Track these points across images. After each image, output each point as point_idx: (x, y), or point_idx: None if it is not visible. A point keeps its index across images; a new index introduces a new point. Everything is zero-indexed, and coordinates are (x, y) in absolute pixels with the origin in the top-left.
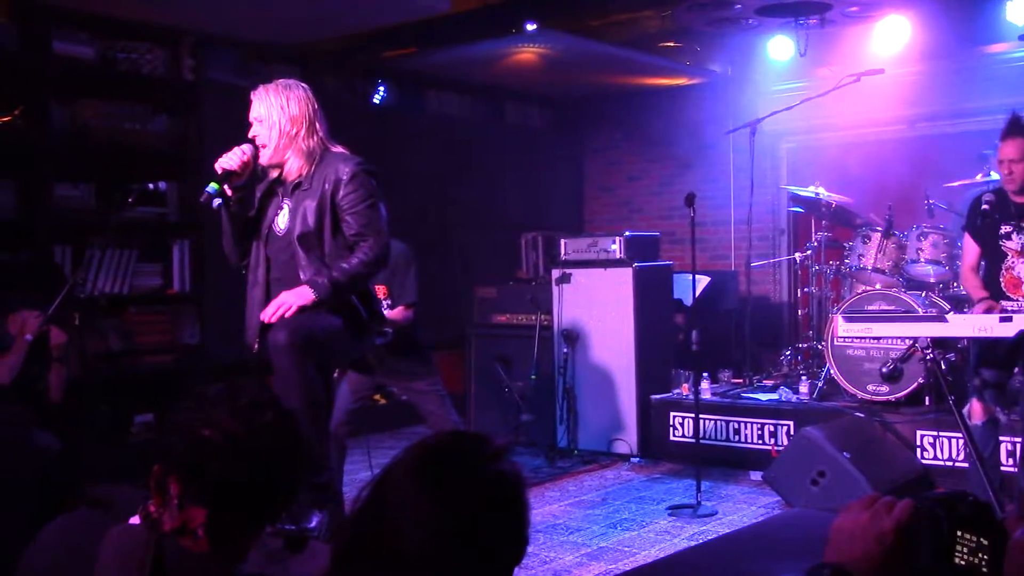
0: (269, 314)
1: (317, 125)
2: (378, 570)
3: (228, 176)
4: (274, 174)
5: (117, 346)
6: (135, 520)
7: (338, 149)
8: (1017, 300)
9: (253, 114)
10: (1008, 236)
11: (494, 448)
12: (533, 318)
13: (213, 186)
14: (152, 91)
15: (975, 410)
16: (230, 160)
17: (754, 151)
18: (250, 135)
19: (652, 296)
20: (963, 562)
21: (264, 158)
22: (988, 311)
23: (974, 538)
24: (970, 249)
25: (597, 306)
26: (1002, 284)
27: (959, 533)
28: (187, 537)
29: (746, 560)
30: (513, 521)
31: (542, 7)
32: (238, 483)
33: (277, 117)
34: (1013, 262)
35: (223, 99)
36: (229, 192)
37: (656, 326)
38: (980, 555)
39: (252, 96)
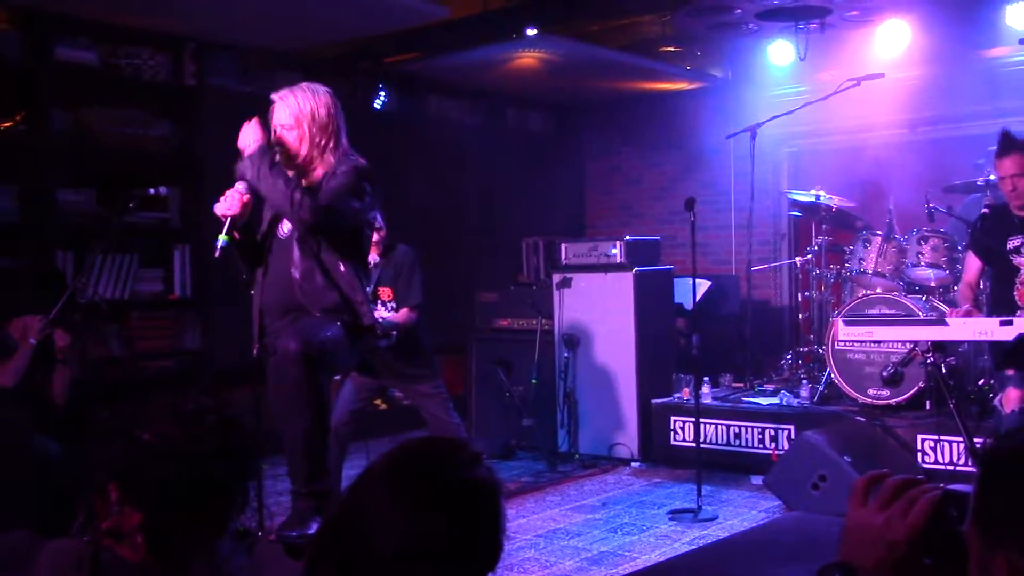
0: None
1: (342, 135)
2: (350, 574)
3: (234, 223)
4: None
5: (118, 351)
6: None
7: (354, 156)
8: None
9: (278, 120)
10: (1017, 251)
11: (469, 454)
12: (534, 322)
13: (223, 239)
14: (154, 97)
15: (1011, 397)
16: (230, 207)
17: (755, 155)
18: (274, 139)
19: (653, 300)
20: None
21: (289, 166)
22: (957, 315)
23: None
24: (971, 266)
25: (598, 310)
26: (1016, 298)
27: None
28: (125, 545)
29: (745, 564)
30: (486, 528)
31: (542, 12)
32: (175, 486)
33: (307, 126)
34: None
35: (225, 104)
36: (237, 236)
37: (657, 330)
38: None
39: (276, 99)
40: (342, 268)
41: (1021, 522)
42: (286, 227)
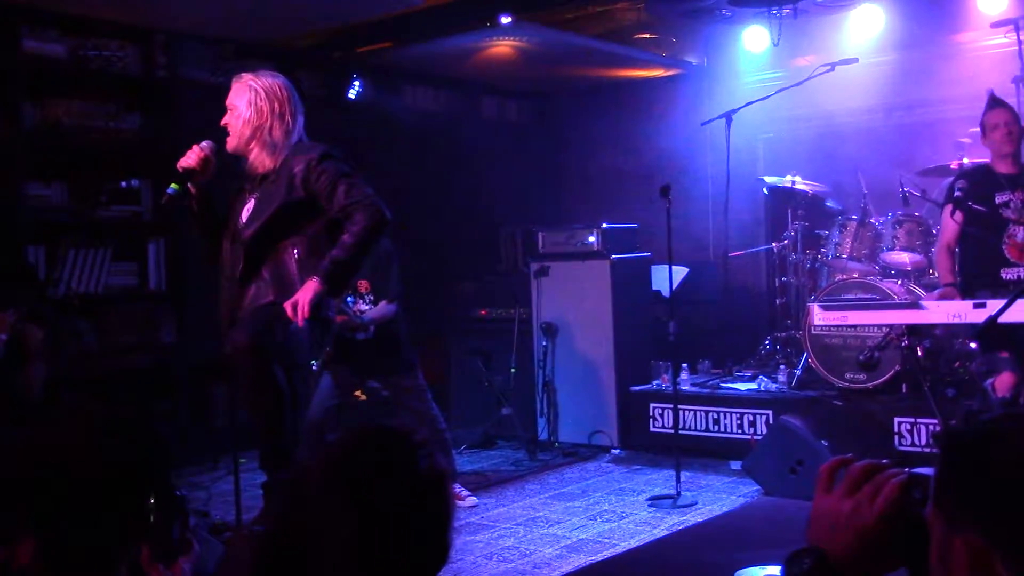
0: (298, 319)
1: (289, 120)
2: (296, 571)
3: (190, 174)
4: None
5: (92, 346)
6: None
7: (313, 145)
8: (1021, 266)
9: (228, 101)
10: (1006, 205)
11: (414, 444)
12: (512, 311)
13: (174, 186)
14: (124, 89)
15: (1004, 381)
16: (188, 159)
17: (730, 142)
18: (222, 122)
19: (630, 288)
20: None
21: (229, 146)
22: (943, 298)
23: None
24: (949, 227)
25: (576, 299)
26: (1005, 252)
27: None
28: (16, 567)
29: (720, 548)
30: (433, 520)
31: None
32: (69, 509)
33: (244, 107)
34: (1015, 229)
35: (197, 96)
36: (193, 190)
37: (635, 318)
38: None
39: (232, 82)
40: (305, 261)
41: (980, 505)
42: (246, 217)
